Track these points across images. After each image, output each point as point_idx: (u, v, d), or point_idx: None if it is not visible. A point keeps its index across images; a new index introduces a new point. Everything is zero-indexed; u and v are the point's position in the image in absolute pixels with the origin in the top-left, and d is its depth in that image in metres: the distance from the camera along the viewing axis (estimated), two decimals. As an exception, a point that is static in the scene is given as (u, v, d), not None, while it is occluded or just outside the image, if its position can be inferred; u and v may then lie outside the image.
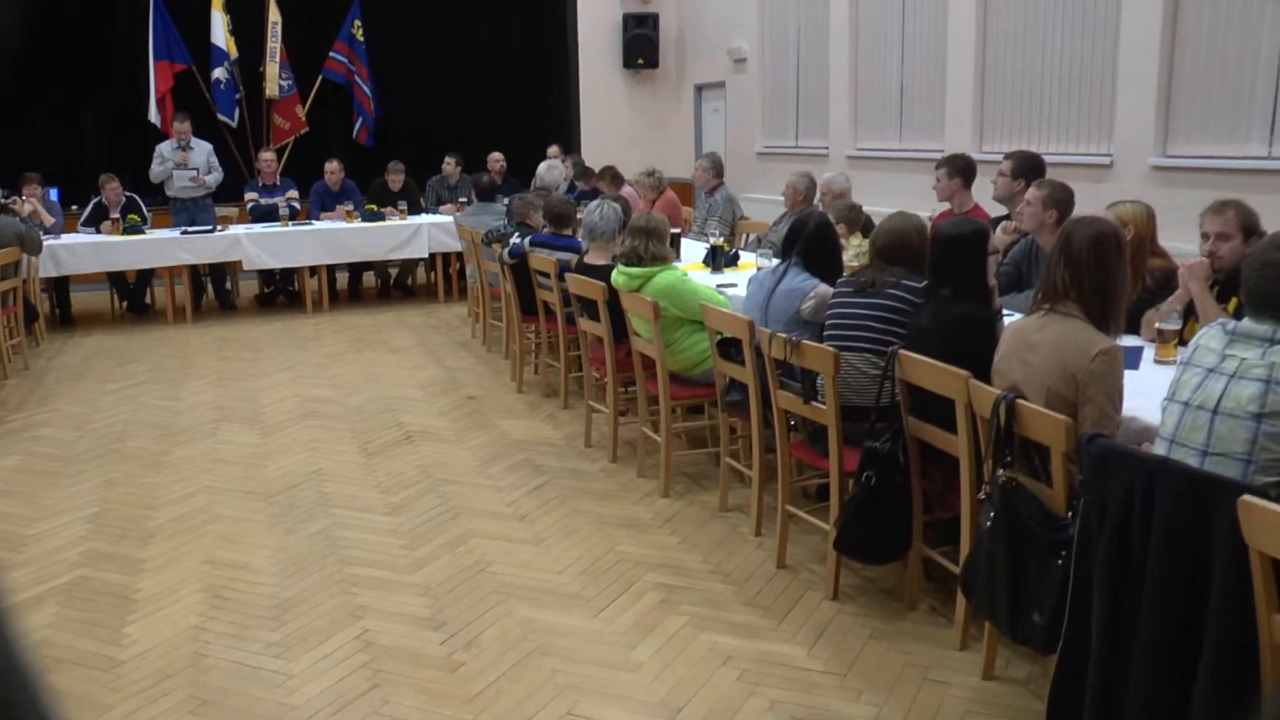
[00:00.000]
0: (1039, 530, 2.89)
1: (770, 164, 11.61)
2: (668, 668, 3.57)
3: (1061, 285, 3.11)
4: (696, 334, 5.07)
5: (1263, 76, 6.10)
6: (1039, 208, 4.87)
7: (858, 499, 3.73)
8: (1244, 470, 2.51)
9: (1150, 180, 6.62)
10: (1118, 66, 6.99)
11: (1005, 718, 3.24)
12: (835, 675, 3.51)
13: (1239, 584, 2.27)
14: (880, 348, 3.93)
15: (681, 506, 5.02)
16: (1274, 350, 2.55)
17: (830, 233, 4.72)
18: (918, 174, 9.02)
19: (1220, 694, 2.34)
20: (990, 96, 8.37)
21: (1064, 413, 2.91)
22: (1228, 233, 3.97)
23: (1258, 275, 2.62)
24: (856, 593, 4.10)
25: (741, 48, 12.04)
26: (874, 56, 9.90)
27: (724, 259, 6.71)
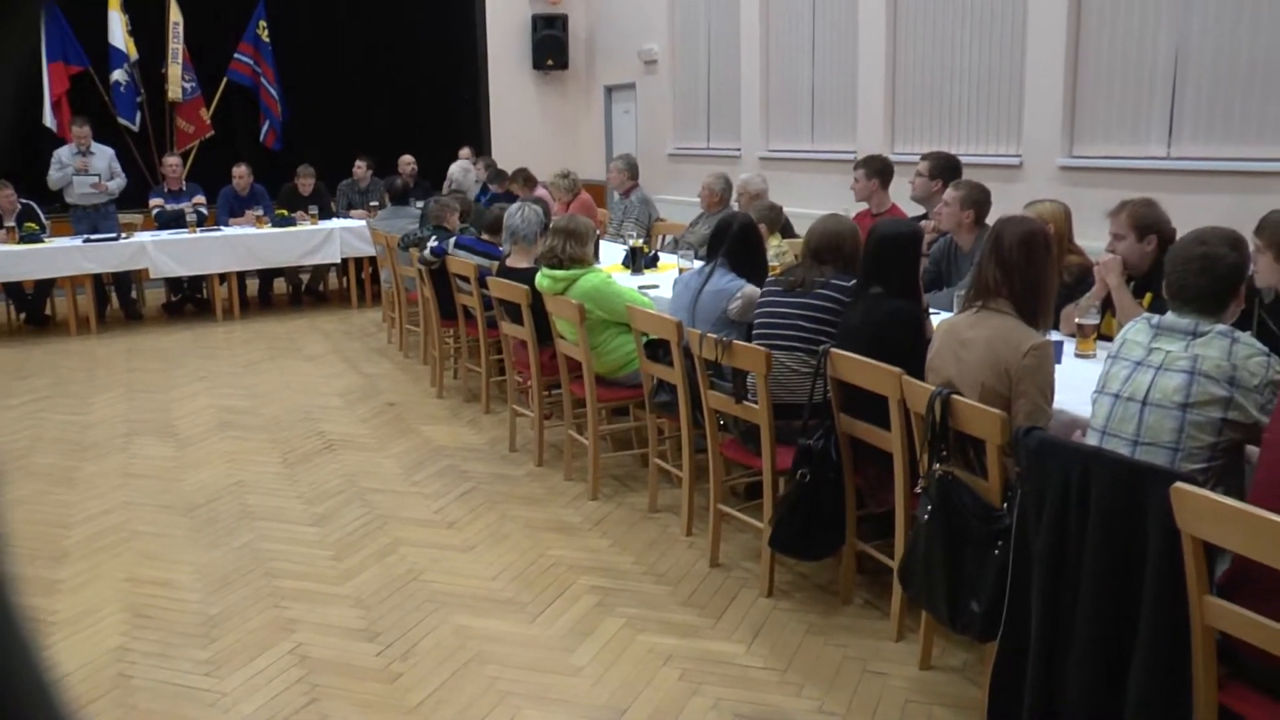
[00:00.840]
0: (975, 522, 2.96)
1: (682, 165, 11.67)
2: (609, 670, 3.57)
3: (993, 283, 3.19)
4: (622, 336, 5.08)
5: (1161, 81, 6.33)
6: (957, 207, 4.97)
7: (792, 496, 3.77)
8: (1172, 458, 2.61)
9: (1058, 180, 6.82)
10: (1025, 70, 7.18)
11: (944, 705, 3.31)
12: (775, 671, 3.55)
13: (1172, 567, 2.35)
14: (811, 346, 3.98)
15: (611, 509, 5.02)
16: (1196, 343, 2.65)
17: (755, 234, 4.78)
18: (830, 175, 9.16)
19: (1155, 673, 2.42)
20: (901, 98, 8.52)
21: (998, 407, 2.98)
22: (1120, 233, 4.11)
23: (1180, 271, 2.72)
24: (791, 589, 4.15)
25: (652, 49, 12.08)
26: (785, 58, 10.01)
27: (644, 260, 6.73)
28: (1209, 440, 2.61)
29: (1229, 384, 2.60)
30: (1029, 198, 5.22)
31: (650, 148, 12.14)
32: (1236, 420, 2.60)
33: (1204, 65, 6.07)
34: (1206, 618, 2.33)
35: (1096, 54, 6.71)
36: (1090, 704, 2.55)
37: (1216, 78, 6.03)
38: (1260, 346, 2.66)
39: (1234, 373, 2.60)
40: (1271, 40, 5.72)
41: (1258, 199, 5.38)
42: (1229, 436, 2.62)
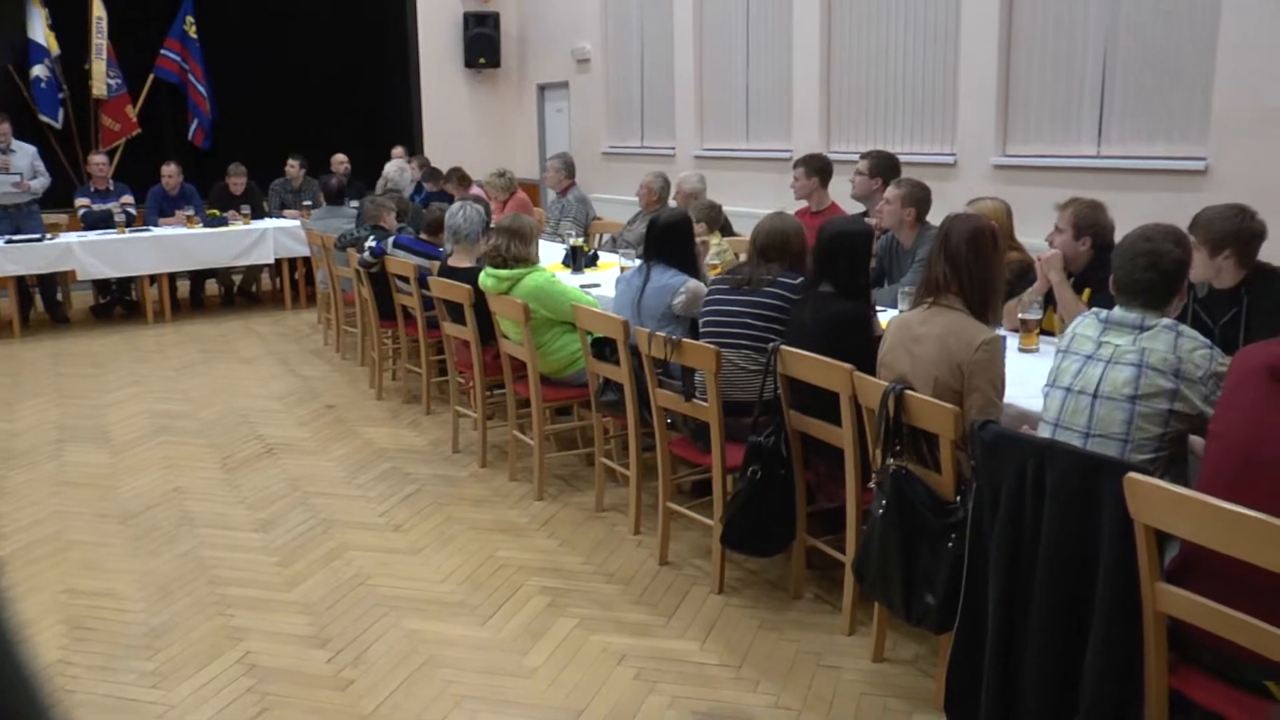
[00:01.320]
0: (929, 515, 3.00)
1: (616, 164, 11.68)
2: (563, 671, 3.57)
3: (943, 279, 3.24)
4: (567, 335, 5.07)
5: (1090, 83, 6.48)
6: (898, 205, 5.04)
7: (744, 493, 3.79)
8: (1122, 449, 2.67)
9: (992, 178, 6.94)
10: (959, 71, 7.30)
11: (898, 697, 3.35)
12: (730, 667, 3.57)
13: (1124, 555, 2.41)
14: (759, 344, 4.00)
15: (557, 509, 5.01)
16: (1144, 336, 2.72)
17: (681, 228, 4.74)
18: (766, 173, 9.23)
19: (1109, 659, 2.48)
20: (836, 98, 8.60)
21: (950, 401, 3.03)
22: (1061, 227, 4.21)
23: (1128, 266, 2.79)
24: (742, 585, 4.17)
25: (585, 48, 12.06)
26: (719, 57, 10.05)
27: (584, 259, 6.72)
28: (1157, 431, 2.68)
29: (1175, 376, 2.67)
30: (964, 196, 5.31)
31: (584, 146, 12.12)
32: (1182, 411, 2.68)
33: (1131, 67, 6.23)
34: (1158, 604, 2.39)
35: (1028, 55, 6.84)
36: (1046, 690, 2.61)
37: (1143, 79, 6.19)
38: (1203, 339, 2.74)
39: (1179, 365, 2.67)
40: (1194, 43, 5.89)
41: (1184, 196, 5.54)
42: (1175, 427, 2.70)
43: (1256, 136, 5.52)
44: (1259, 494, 2.26)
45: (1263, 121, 5.49)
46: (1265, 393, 2.40)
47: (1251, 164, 5.50)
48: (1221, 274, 3.68)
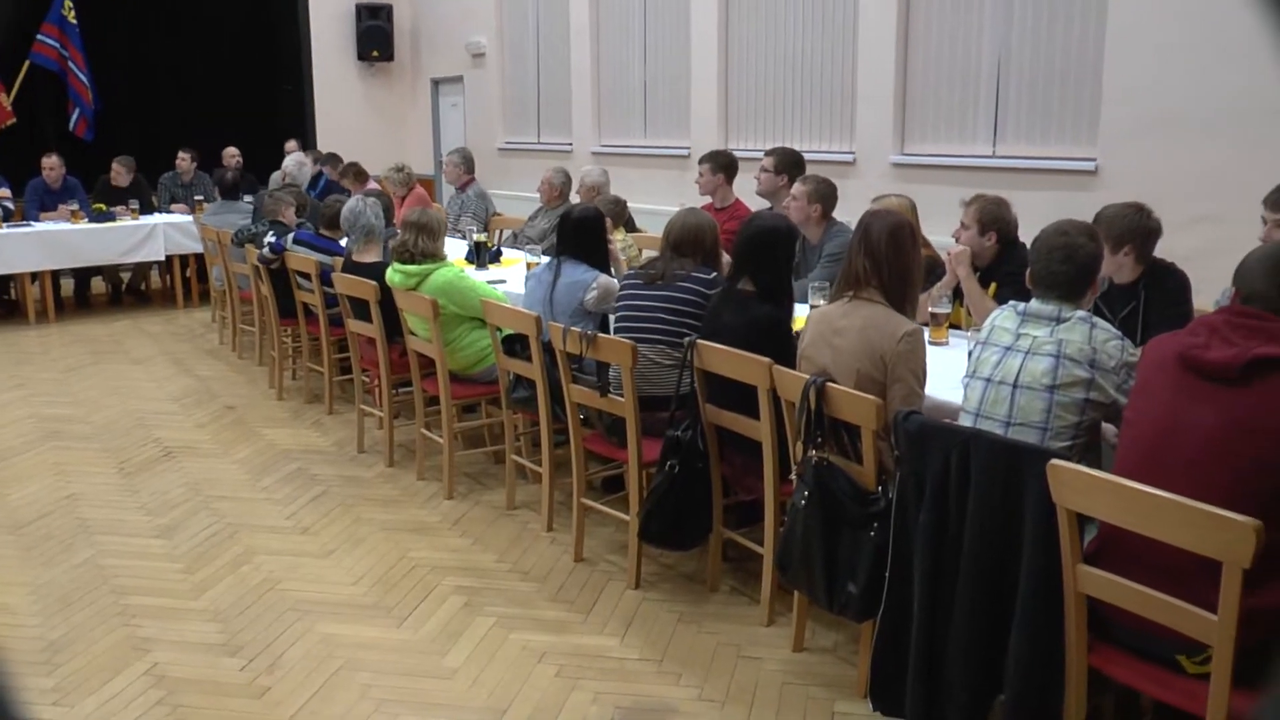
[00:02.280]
0: (851, 505, 3.05)
1: (512, 160, 11.61)
2: (484, 671, 3.54)
3: (863, 273, 3.30)
4: (476, 331, 5.02)
5: (985, 84, 6.68)
6: (805, 202, 5.11)
7: (662, 487, 3.80)
8: (1042, 437, 2.76)
9: (890, 176, 7.08)
10: (857, 71, 7.44)
11: (820, 685, 3.40)
12: (651, 662, 3.58)
13: (1046, 539, 2.49)
14: (673, 339, 4.02)
15: (468, 507, 4.97)
16: (1061, 328, 2.81)
17: (593, 223, 4.74)
18: (664, 170, 9.28)
19: (1032, 639, 2.55)
20: (735, 95, 8.68)
21: (872, 393, 3.08)
22: (966, 223, 4.32)
23: (1044, 260, 2.88)
24: (658, 580, 4.19)
25: (480, 42, 11.96)
26: (616, 54, 10.06)
27: (488, 255, 6.67)
28: (1074, 419, 2.77)
29: (1090, 366, 2.76)
30: (864, 194, 5.41)
31: (479, 142, 12.01)
32: (1097, 400, 2.77)
33: (1024, 72, 6.45)
34: (1078, 585, 2.48)
35: (925, 57, 7.02)
36: (971, 671, 2.68)
37: (1035, 84, 6.40)
38: (1115, 331, 2.84)
39: (1094, 355, 2.76)
40: (1083, 51, 6.11)
41: (1076, 195, 5.75)
42: (1090, 416, 2.79)
43: (1142, 139, 5.75)
44: (1171, 476, 2.36)
45: (1148, 125, 5.71)
46: (1176, 381, 2.50)
47: (1138, 165, 5.72)
48: (1122, 269, 3.82)
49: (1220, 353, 2.42)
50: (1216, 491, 2.27)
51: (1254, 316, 2.45)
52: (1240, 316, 2.47)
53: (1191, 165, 5.49)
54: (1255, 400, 2.37)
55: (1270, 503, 2.34)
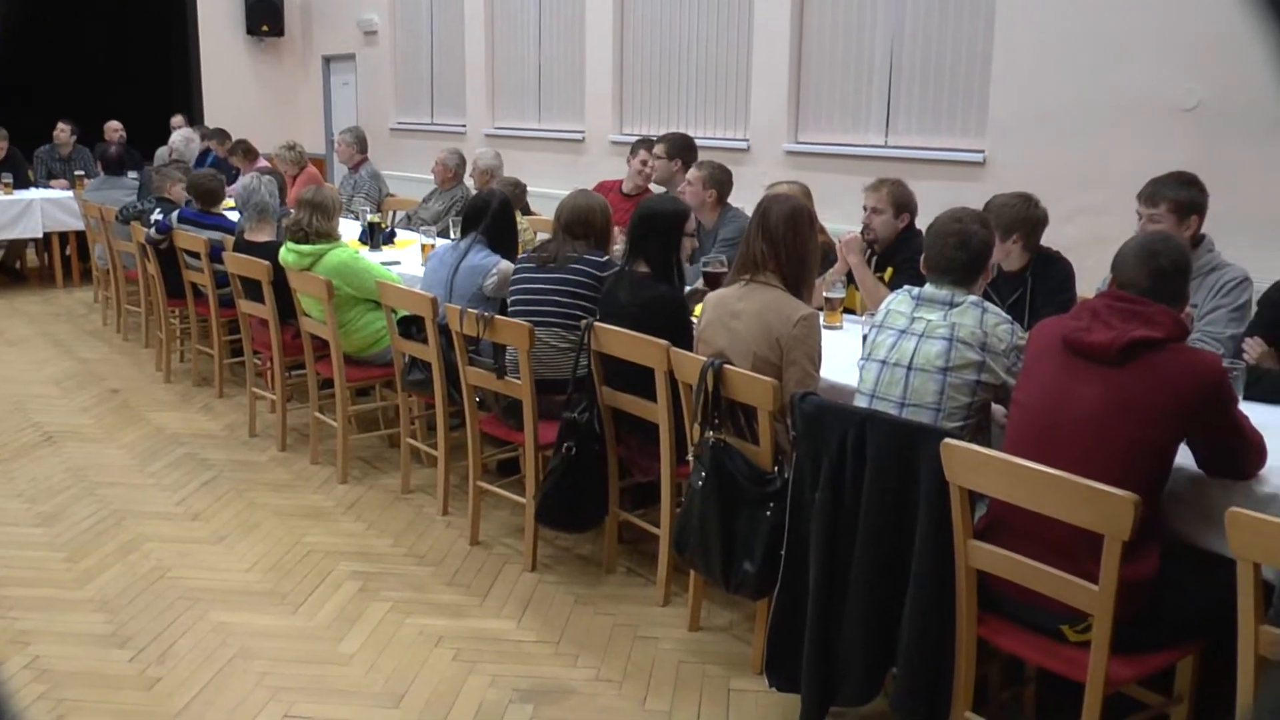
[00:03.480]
0: (748, 486, 3.10)
1: (404, 141, 11.46)
2: (381, 656, 3.51)
3: (760, 257, 3.34)
4: (371, 313, 4.96)
5: (878, 76, 6.83)
6: (699, 187, 5.15)
7: (559, 469, 3.81)
8: (935, 417, 2.84)
9: (784, 164, 7.19)
10: (752, 59, 7.53)
11: (716, 663, 3.45)
12: (549, 644, 3.59)
13: (939, 516, 2.57)
14: (568, 321, 4.02)
15: (362, 492, 4.91)
16: (953, 312, 2.89)
17: (512, 212, 4.78)
18: (558, 154, 9.26)
19: (924, 613, 2.63)
20: (630, 80, 8.70)
21: (768, 375, 3.13)
22: (880, 208, 4.40)
23: (938, 245, 2.95)
24: (554, 562, 4.20)
25: (372, 19, 11.75)
26: (510, 35, 9.99)
27: (382, 236, 6.58)
28: (965, 400, 2.85)
29: (981, 349, 2.84)
30: (758, 180, 5.48)
31: (372, 122, 11.79)
32: (988, 382, 2.86)
33: (915, 63, 6.60)
34: (969, 559, 2.56)
35: (818, 47, 7.13)
36: (864, 644, 2.75)
37: (926, 75, 6.56)
38: (1005, 315, 2.93)
39: (985, 339, 2.85)
40: (972, 43, 6.27)
41: (964, 185, 5.90)
42: (981, 396, 2.87)
43: (1028, 132, 5.94)
44: (1058, 454, 2.45)
45: (1033, 119, 5.91)
46: (1061, 363, 2.59)
47: (1024, 157, 5.90)
48: (1010, 257, 3.94)
49: (1101, 335, 2.52)
50: (1098, 467, 2.37)
51: (1132, 301, 2.55)
52: (1118, 301, 2.57)
53: (1074, 158, 5.68)
54: (1132, 380, 2.48)
55: (1147, 477, 2.46)
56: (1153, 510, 2.50)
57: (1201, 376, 2.47)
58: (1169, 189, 3.67)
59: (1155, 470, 2.51)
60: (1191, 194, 3.66)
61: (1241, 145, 5.13)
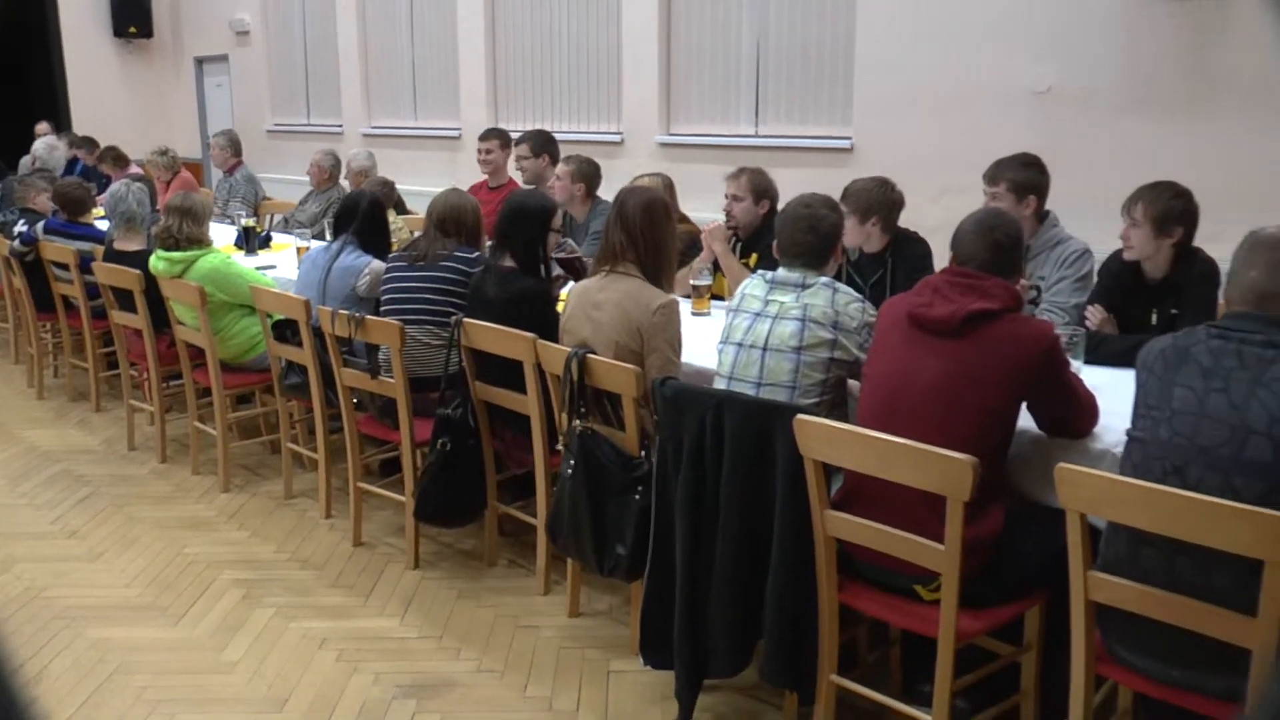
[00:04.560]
0: (616, 471, 3.17)
1: (282, 142, 11.30)
2: (264, 662, 3.50)
3: (619, 248, 3.41)
4: (246, 318, 4.91)
5: (746, 69, 6.98)
6: (568, 181, 5.22)
7: (435, 466, 3.84)
8: (791, 395, 2.94)
9: (657, 155, 7.30)
10: (622, 53, 7.63)
11: (595, 647, 3.53)
12: (431, 639, 3.62)
13: (796, 489, 2.67)
14: (440, 319, 4.04)
15: (245, 499, 4.87)
16: (805, 294, 2.99)
17: (383, 212, 4.78)
18: (435, 151, 9.23)
19: (787, 583, 2.73)
20: (503, 77, 8.72)
21: (631, 363, 3.20)
22: (740, 195, 4.51)
23: (789, 230, 3.06)
24: (437, 559, 4.22)
25: (243, 20, 11.55)
26: (384, 33, 9.92)
27: (257, 240, 6.50)
28: (820, 377, 2.96)
29: (834, 328, 2.95)
30: (631, 172, 5.55)
31: (248, 124, 11.61)
32: (841, 359, 2.97)
33: (782, 54, 6.77)
34: (827, 529, 2.66)
35: (686, 40, 7.27)
36: (732, 618, 2.84)
37: (793, 65, 6.73)
38: (856, 295, 3.05)
39: (837, 318, 2.96)
40: (836, 33, 6.46)
41: (833, 172, 6.04)
42: (835, 373, 2.99)
43: (891, 119, 6.14)
44: (905, 424, 2.57)
45: (896, 106, 6.11)
46: (907, 337, 2.71)
47: (889, 143, 6.10)
48: (870, 239, 4.07)
49: (941, 310, 2.64)
50: (943, 434, 2.49)
51: (969, 276, 2.68)
52: (957, 276, 2.70)
53: (936, 142, 5.87)
54: (972, 350, 2.60)
55: (989, 441, 2.59)
56: (996, 472, 2.63)
57: (1035, 344, 2.61)
58: (1008, 169, 3.83)
59: (997, 434, 2.64)
60: (1030, 174, 3.83)
61: (1088, 127, 5.38)
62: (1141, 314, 3.58)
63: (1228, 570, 2.17)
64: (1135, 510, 2.25)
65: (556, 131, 6.86)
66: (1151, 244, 3.47)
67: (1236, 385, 2.25)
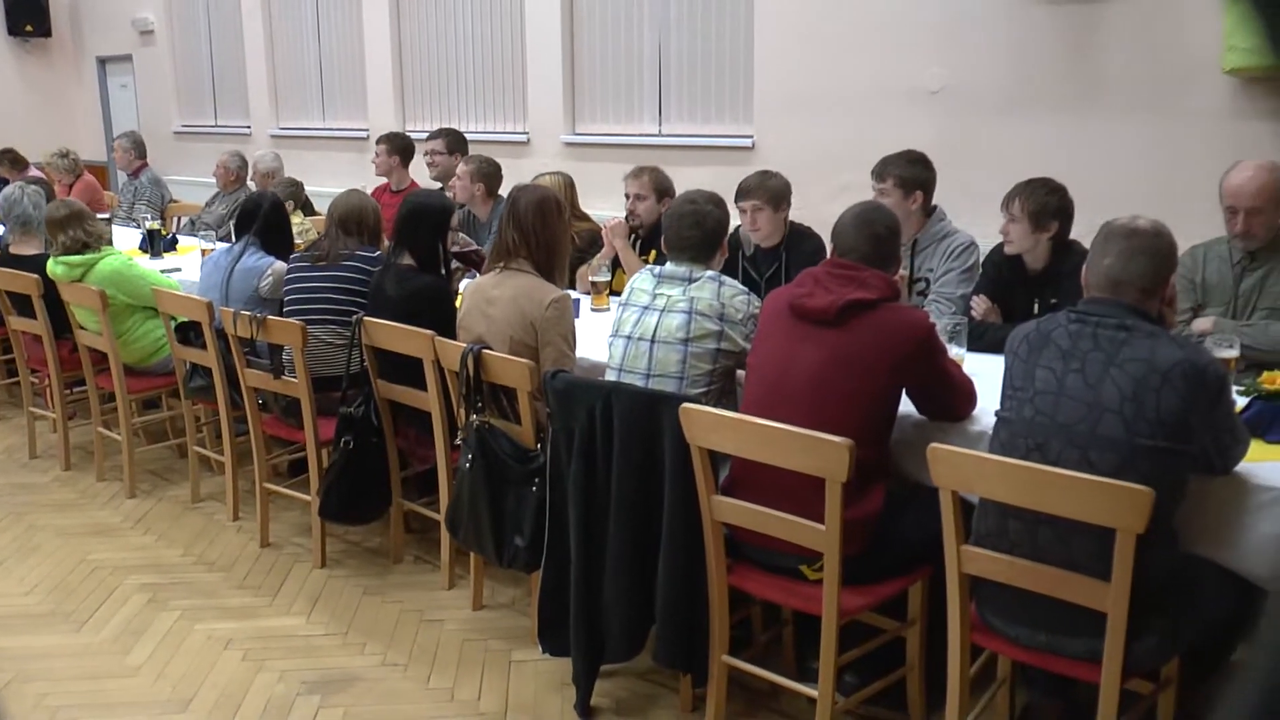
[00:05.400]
0: (513, 464, 3.23)
1: (190, 144, 11.14)
2: (168, 665, 3.50)
3: (512, 245, 3.48)
4: (150, 321, 4.88)
5: (649, 69, 7.08)
6: (468, 181, 5.27)
7: (338, 464, 3.87)
8: (679, 386, 3.02)
9: (563, 154, 7.37)
10: (526, 54, 7.68)
11: (499, 638, 3.59)
12: (337, 635, 3.66)
13: (684, 476, 2.75)
14: (342, 318, 4.06)
15: (152, 504, 4.84)
16: (692, 287, 3.08)
17: (284, 212, 4.78)
18: (343, 152, 9.20)
19: (677, 568, 2.82)
20: (410, 77, 8.72)
21: (526, 358, 3.27)
22: (643, 194, 4.60)
23: (676, 225, 3.15)
24: (344, 557, 4.25)
25: (147, 19, 11.34)
26: (290, 34, 9.84)
27: (162, 243, 6.43)
28: (707, 368, 3.05)
29: (719, 319, 3.04)
30: (538, 171, 5.61)
31: (154, 125, 11.41)
32: (728, 349, 3.06)
33: (683, 54, 6.89)
34: (715, 514, 2.75)
35: (590, 41, 7.36)
36: (626, 604, 2.91)
37: (694, 65, 6.85)
38: (742, 287, 3.14)
39: (723, 310, 3.05)
40: (735, 34, 6.58)
41: (733, 170, 6.12)
42: (723, 364, 3.08)
43: (791, 117, 6.27)
44: (787, 410, 2.67)
45: (796, 104, 6.24)
46: (788, 327, 2.81)
47: (789, 141, 6.24)
48: (777, 229, 4.20)
49: (821, 300, 2.74)
50: (824, 419, 2.59)
51: (848, 267, 2.79)
52: (837, 268, 2.80)
53: (835, 139, 6.01)
54: (850, 339, 2.71)
55: (869, 425, 2.70)
56: (877, 455, 2.74)
57: (911, 332, 2.72)
58: (895, 166, 3.97)
59: (876, 418, 2.75)
60: (916, 170, 3.97)
61: (979, 125, 5.56)
62: (1024, 304, 3.73)
63: (1085, 539, 2.30)
64: (1001, 485, 2.37)
65: (464, 132, 6.92)
66: (1030, 238, 3.62)
67: (1092, 366, 2.39)
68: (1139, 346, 2.36)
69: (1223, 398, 2.39)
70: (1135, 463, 2.30)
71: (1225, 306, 3.59)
